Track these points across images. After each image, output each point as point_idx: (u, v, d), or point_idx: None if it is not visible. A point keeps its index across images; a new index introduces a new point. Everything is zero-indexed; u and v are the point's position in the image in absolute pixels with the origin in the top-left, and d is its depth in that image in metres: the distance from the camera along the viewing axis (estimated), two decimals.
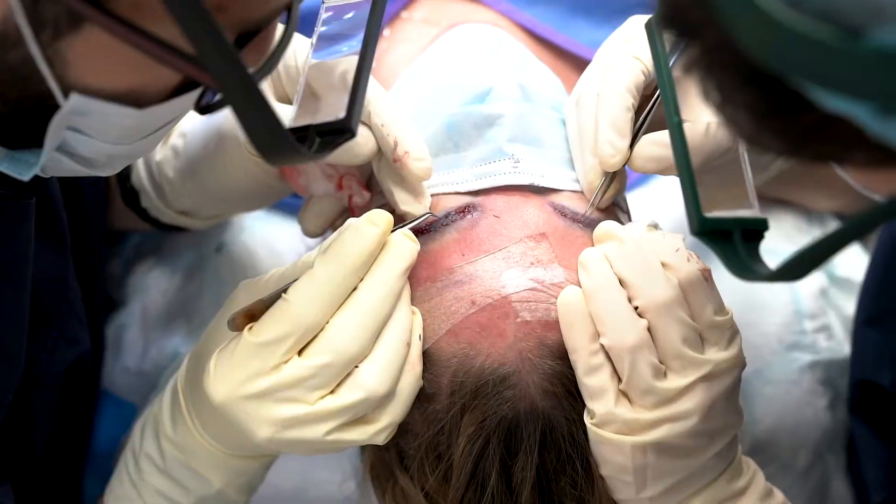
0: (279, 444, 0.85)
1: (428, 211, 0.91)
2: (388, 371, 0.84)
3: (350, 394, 0.84)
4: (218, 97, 0.73)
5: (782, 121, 0.59)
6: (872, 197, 0.65)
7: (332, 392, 0.84)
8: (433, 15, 1.17)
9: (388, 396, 0.85)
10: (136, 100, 0.70)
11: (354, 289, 0.85)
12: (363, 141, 0.90)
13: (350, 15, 0.85)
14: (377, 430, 0.86)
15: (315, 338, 0.83)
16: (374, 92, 0.91)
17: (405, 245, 0.86)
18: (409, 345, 0.86)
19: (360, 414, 0.85)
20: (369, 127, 0.91)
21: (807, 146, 0.60)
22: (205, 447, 0.88)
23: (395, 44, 1.16)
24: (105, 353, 1.16)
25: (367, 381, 0.84)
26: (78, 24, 0.65)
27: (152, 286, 1.19)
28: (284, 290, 0.84)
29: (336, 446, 0.86)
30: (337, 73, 0.84)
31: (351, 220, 0.87)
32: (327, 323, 0.83)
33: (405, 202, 0.91)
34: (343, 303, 0.84)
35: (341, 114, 0.76)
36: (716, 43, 0.57)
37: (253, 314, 0.85)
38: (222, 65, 0.63)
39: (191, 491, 0.91)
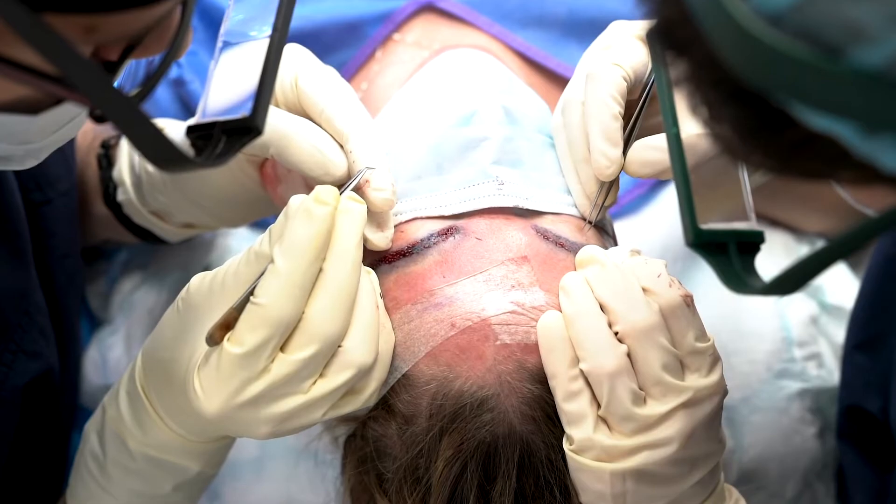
0: (278, 435, 0.85)
1: (367, 166, 0.89)
2: (370, 341, 0.85)
3: (341, 374, 0.83)
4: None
5: (767, 137, 0.58)
6: (865, 212, 0.64)
7: (321, 376, 0.84)
8: (425, 38, 1.16)
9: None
10: (30, 107, 0.69)
11: (320, 269, 0.84)
12: (339, 161, 0.90)
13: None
14: (368, 395, 0.87)
15: (295, 329, 0.82)
16: (356, 120, 0.91)
17: (355, 210, 0.85)
18: (377, 306, 0.86)
19: (351, 387, 0.85)
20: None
21: (793, 163, 0.60)
22: (180, 441, 0.88)
23: (387, 66, 1.16)
24: (79, 370, 1.15)
25: (355, 358, 0.84)
26: None
27: (138, 305, 1.18)
28: (251, 293, 0.83)
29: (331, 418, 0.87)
30: (247, 62, 0.79)
31: (295, 200, 0.84)
32: (303, 313, 0.82)
33: (367, 230, 0.89)
34: (313, 289, 0.83)
35: (248, 109, 0.72)
36: (703, 59, 0.57)
37: (227, 324, 0.84)
38: (91, 86, 0.62)
39: (169, 479, 0.91)
